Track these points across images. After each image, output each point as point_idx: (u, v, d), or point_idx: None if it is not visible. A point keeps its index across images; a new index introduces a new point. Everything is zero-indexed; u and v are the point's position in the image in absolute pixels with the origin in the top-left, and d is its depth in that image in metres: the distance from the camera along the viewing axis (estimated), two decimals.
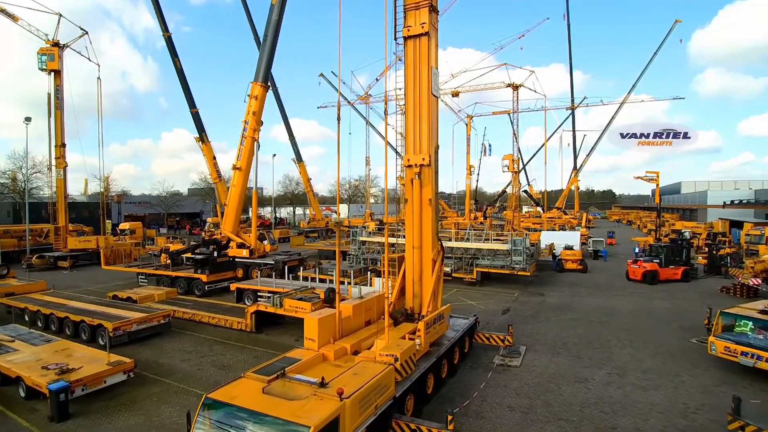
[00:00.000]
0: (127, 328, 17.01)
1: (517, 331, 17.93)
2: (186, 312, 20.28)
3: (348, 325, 12.09)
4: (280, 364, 9.58)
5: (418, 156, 13.90)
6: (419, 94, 14.00)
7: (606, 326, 18.95)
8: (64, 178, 40.39)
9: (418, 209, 14.03)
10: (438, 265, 14.13)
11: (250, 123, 29.91)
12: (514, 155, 51.68)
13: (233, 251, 29.59)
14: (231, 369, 14.43)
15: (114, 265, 30.93)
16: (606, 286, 27.94)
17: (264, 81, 29.77)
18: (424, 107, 13.92)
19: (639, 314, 20.91)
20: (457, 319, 15.84)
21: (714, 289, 26.49)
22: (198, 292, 25.52)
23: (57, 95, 40.16)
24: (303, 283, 21.55)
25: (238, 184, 30.69)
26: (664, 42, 72.60)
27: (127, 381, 13.26)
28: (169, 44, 42.35)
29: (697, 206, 77.79)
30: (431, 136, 13.90)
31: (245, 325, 18.33)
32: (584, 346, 16.30)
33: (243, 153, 30.46)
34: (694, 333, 17.72)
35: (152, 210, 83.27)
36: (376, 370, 9.16)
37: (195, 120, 43.71)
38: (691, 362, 14.75)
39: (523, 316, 20.73)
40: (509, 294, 25.68)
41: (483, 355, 15.45)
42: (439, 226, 55.53)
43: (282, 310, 17.06)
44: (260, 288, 21.75)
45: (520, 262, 26.61)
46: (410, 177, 14.17)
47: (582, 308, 22.26)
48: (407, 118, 14.28)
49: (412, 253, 14.14)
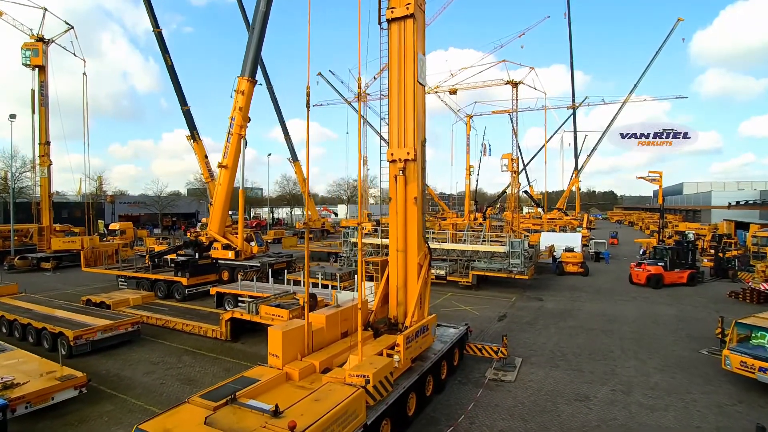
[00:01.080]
0: (89, 337, 15.73)
1: (513, 340, 16.66)
2: (159, 318, 19.01)
3: (320, 338, 10.81)
4: (233, 386, 8.30)
5: (403, 150, 12.62)
6: (404, 82, 12.72)
7: (609, 335, 17.63)
8: (48, 177, 39.22)
9: (402, 209, 12.74)
10: (424, 270, 12.85)
11: (237, 119, 28.71)
12: (514, 154, 50.35)
13: (218, 253, 28.34)
14: (197, 384, 13.14)
15: (95, 267, 29.67)
16: (608, 291, 26.61)
17: (251, 75, 28.54)
18: (409, 96, 12.64)
19: (644, 322, 19.58)
20: (447, 329, 14.55)
21: (722, 294, 25.16)
22: (178, 296, 24.25)
23: (41, 91, 39.01)
24: (285, 288, 20.27)
25: (224, 183, 29.48)
26: (666, 40, 71.30)
27: (79, 397, 11.99)
28: (159, 41, 41.07)
29: (700, 207, 76.35)
30: (417, 129, 12.62)
31: (220, 334, 17.04)
32: (585, 358, 14.98)
33: (229, 150, 29.25)
34: (704, 343, 16.40)
35: (148, 210, 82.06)
36: (343, 395, 7.87)
37: (186, 118, 42.45)
38: (702, 377, 13.42)
39: (520, 324, 19.42)
40: (506, 299, 24.36)
41: (475, 367, 14.15)
42: (437, 227, 54.21)
43: (258, 318, 15.77)
44: (240, 292, 20.50)
45: (518, 265, 25.31)
46: (394, 173, 12.88)
47: (583, 315, 20.95)
48: (391, 108, 13.00)
49: (396, 257, 12.85)
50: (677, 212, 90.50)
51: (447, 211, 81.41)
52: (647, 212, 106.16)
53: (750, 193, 68.35)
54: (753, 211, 58.58)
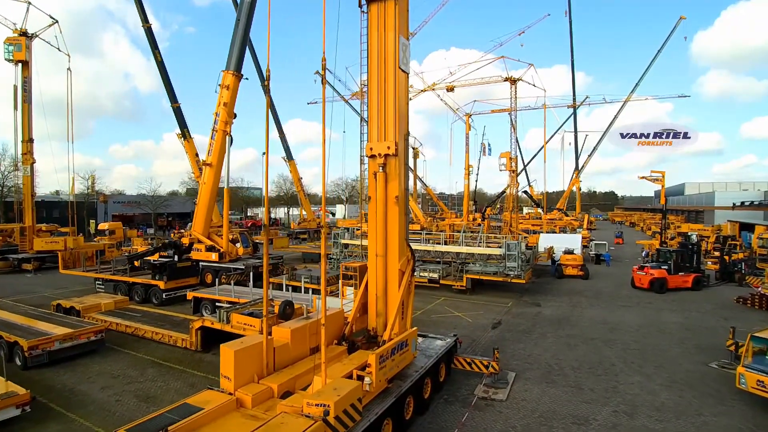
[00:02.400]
0: (47, 347, 14.49)
1: (507, 351, 15.43)
2: (129, 326, 17.77)
3: (285, 356, 9.56)
4: (170, 416, 7.07)
5: (383, 144, 11.37)
6: (385, 68, 11.49)
7: (610, 346, 16.36)
8: (31, 176, 37.95)
9: (382, 209, 11.50)
10: (407, 276, 11.60)
11: (221, 115, 27.46)
12: (513, 153, 49.04)
13: (200, 254, 27.10)
14: (156, 401, 11.89)
15: (73, 269, 28.43)
16: (609, 295, 25.33)
17: (236, 69, 27.29)
18: (390, 84, 11.41)
19: (648, 330, 18.31)
20: (433, 341, 13.29)
21: (729, 299, 23.91)
22: (156, 300, 23.01)
23: (24, 87, 37.74)
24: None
25: (208, 182, 28.23)
26: (668, 39, 70.05)
27: (23, 416, 10.77)
28: (149, 36, 39.80)
29: (703, 208, 75.03)
30: (399, 120, 11.38)
31: (190, 344, 15.80)
32: (585, 373, 13.72)
33: (214, 147, 28.02)
34: (713, 355, 15.14)
35: (142, 210, 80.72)
36: (296, 430, 6.63)
37: (177, 115, 41.29)
38: (713, 396, 12.16)
39: (516, 332, 18.16)
40: (502, 304, 23.10)
41: (464, 383, 12.90)
42: (434, 228, 52.78)
43: (229, 327, 14.52)
44: (218, 297, 19.29)
45: (515, 268, 24.04)
46: (373, 170, 11.64)
47: (582, 322, 19.68)
48: (371, 98, 11.77)
49: (376, 263, 11.61)
50: (679, 213, 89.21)
51: (446, 212, 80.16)
52: (648, 213, 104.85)
53: (753, 193, 67.03)
54: (757, 212, 57.33)
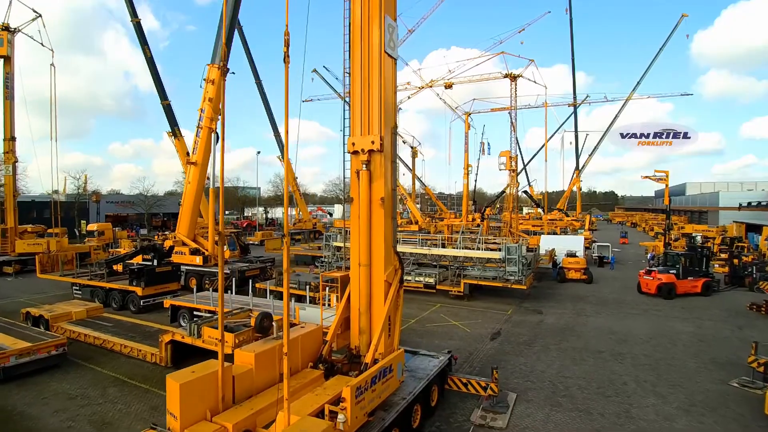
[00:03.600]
0: (2, 363, 13.19)
1: (507, 367, 14.12)
2: (98, 337, 16.43)
3: (247, 384, 8.22)
4: None
5: (366, 138, 10.05)
6: (369, 52, 10.16)
7: (620, 360, 15.02)
8: (13, 175, 36.57)
9: (366, 212, 10.16)
10: (394, 289, 10.27)
11: (206, 111, 26.16)
12: (513, 152, 47.69)
13: (184, 258, 25.79)
14: (111, 427, 10.60)
15: (51, 273, 27.07)
16: (615, 302, 23.98)
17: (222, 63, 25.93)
18: (375, 71, 10.07)
19: (659, 342, 16.98)
20: (424, 359, 11.96)
21: (741, 306, 22.61)
22: (133, 307, 21.66)
23: (6, 84, 36.34)
24: (247, 300, 17.65)
25: (193, 181, 26.95)
26: (670, 37, 68.84)
27: None
28: (138, 31, 38.49)
29: (707, 208, 73.72)
30: (385, 112, 10.05)
31: (159, 358, 14.46)
32: (593, 393, 12.38)
33: (199, 146, 26.75)
34: (733, 371, 13.83)
35: (136, 210, 79.28)
36: None
37: (167, 113, 39.93)
38: (737, 421, 10.83)
39: (516, 344, 16.82)
40: (501, 311, 21.75)
41: (458, 405, 11.57)
42: (432, 229, 51.38)
43: (200, 342, 13.17)
44: (196, 306, 17.95)
45: (515, 273, 22.71)
46: (356, 167, 10.32)
47: (588, 332, 18.35)
48: (353, 87, 10.43)
49: (359, 273, 10.29)
50: (681, 213, 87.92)
51: (445, 212, 78.87)
52: (650, 213, 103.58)
53: (758, 193, 65.73)
54: (763, 213, 56.06)
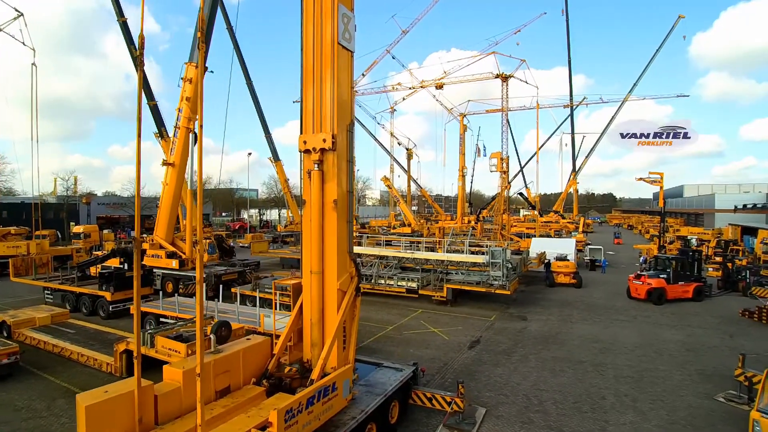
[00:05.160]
0: None
1: (481, 379, 13.37)
2: (56, 345, 15.68)
3: (173, 406, 7.45)
4: None
5: (318, 136, 9.31)
6: (322, 45, 9.44)
7: (601, 371, 14.26)
8: None
9: (317, 216, 9.43)
10: (349, 298, 9.52)
11: (184, 111, 25.41)
12: (504, 153, 47.01)
13: (160, 261, 25.04)
14: None
15: (24, 276, 26.28)
16: (603, 307, 23.22)
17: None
18: (327, 64, 9.35)
19: (644, 352, 16.22)
20: (387, 372, 11.17)
21: (733, 312, 21.86)
22: (103, 313, 20.93)
23: None
24: (212, 307, 16.84)
25: (171, 183, 26.14)
26: (667, 38, 68.46)
27: None
28: (124, 31, 37.89)
29: (703, 210, 73.00)
30: (339, 108, 9.32)
31: (114, 369, 13.71)
32: (569, 409, 11.62)
33: (177, 146, 25.99)
34: (720, 384, 13.08)
35: (127, 211, 78.51)
36: None
37: (153, 113, 39.30)
38: None
39: (495, 352, 16.06)
40: (485, 317, 21.00)
41: (423, 422, 10.81)
42: (426, 231, 50.62)
43: (153, 352, 12.41)
44: (162, 312, 17.21)
45: (500, 277, 21.95)
46: (308, 167, 9.58)
47: (571, 340, 17.60)
48: (305, 81, 9.69)
49: (310, 281, 9.55)
50: (678, 216, 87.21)
51: (441, 214, 78.22)
52: (647, 215, 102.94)
53: (755, 195, 65.03)
54: (759, 216, 55.39)
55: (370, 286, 24.95)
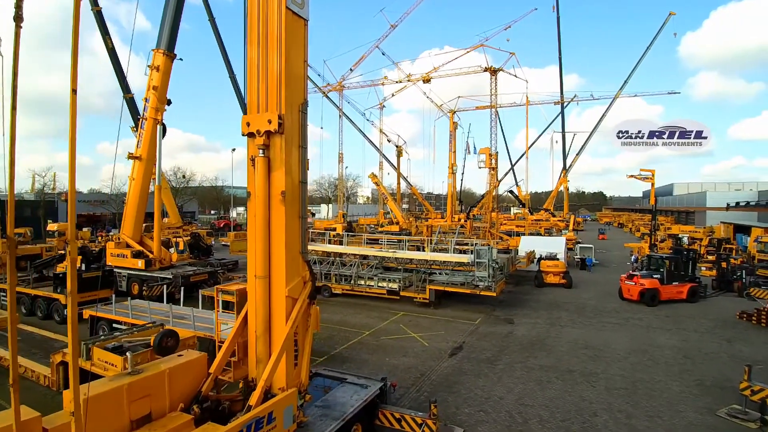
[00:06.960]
0: None
1: (461, 392, 12.08)
2: None
3: None
4: None
5: (263, 116, 7.92)
6: (267, 9, 8.04)
7: (592, 382, 13.04)
8: None
9: (263, 210, 8.03)
10: (301, 306, 8.16)
11: (151, 100, 23.87)
12: (494, 148, 45.88)
13: (126, 261, 23.48)
14: None
15: None
16: (594, 309, 22.07)
17: (168, 48, 23.61)
18: (273, 32, 7.96)
19: (638, 359, 15.03)
20: (349, 389, 9.81)
21: (730, 314, 20.82)
22: (58, 317, 19.38)
23: None
24: (166, 311, 15.37)
25: (138, 178, 24.58)
26: (657, 35, 67.93)
27: None
28: (98, 20, 36.06)
29: (694, 209, 72.54)
30: (286, 83, 7.93)
31: (51, 382, 12.24)
32: (556, 428, 10.35)
33: (143, 138, 24.44)
34: (721, 397, 11.92)
35: (107, 209, 76.33)
36: None
37: (129, 107, 37.65)
38: None
39: (478, 361, 14.79)
40: (469, 321, 19.74)
41: None
42: (414, 230, 49.33)
43: (89, 365, 10.92)
44: (115, 317, 15.76)
45: (485, 278, 20.70)
46: (252, 153, 8.18)
47: (560, 346, 16.37)
48: (250, 54, 8.26)
49: (255, 287, 8.16)
50: (669, 214, 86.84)
51: (432, 212, 77.03)
52: (637, 213, 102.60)
53: (746, 193, 64.58)
54: (751, 214, 54.82)
55: (350, 287, 23.64)
